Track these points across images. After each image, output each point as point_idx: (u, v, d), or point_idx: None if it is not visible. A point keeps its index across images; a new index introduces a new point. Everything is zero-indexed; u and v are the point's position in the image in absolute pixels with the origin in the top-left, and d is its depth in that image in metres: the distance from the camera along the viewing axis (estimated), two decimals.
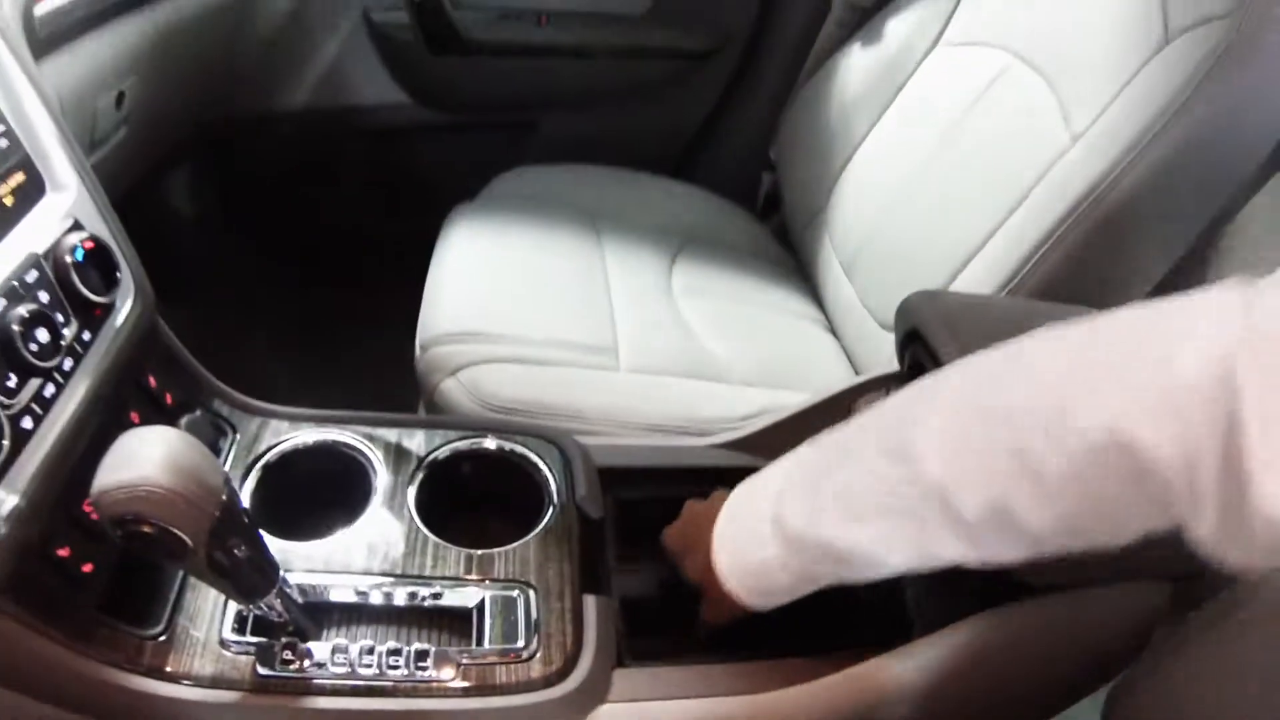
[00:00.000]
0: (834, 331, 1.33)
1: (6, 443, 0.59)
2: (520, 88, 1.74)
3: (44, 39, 0.91)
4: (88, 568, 0.66)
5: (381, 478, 0.83)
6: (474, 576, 0.75)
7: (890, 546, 0.60)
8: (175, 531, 0.52)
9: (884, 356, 1.09)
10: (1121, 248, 0.96)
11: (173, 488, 0.50)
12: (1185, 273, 1.07)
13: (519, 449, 0.88)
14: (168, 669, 0.66)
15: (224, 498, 0.55)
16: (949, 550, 0.57)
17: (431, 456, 0.85)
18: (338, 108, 1.71)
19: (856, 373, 1.23)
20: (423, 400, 1.13)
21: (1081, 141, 0.97)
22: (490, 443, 0.88)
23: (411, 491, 0.82)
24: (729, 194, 1.67)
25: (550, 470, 0.86)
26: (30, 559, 0.61)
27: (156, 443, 0.52)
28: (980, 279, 1.02)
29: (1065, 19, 1.08)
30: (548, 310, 1.18)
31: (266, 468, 0.83)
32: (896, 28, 1.38)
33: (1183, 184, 0.93)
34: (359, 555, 0.76)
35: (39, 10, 0.89)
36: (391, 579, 0.74)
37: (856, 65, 1.44)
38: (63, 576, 0.64)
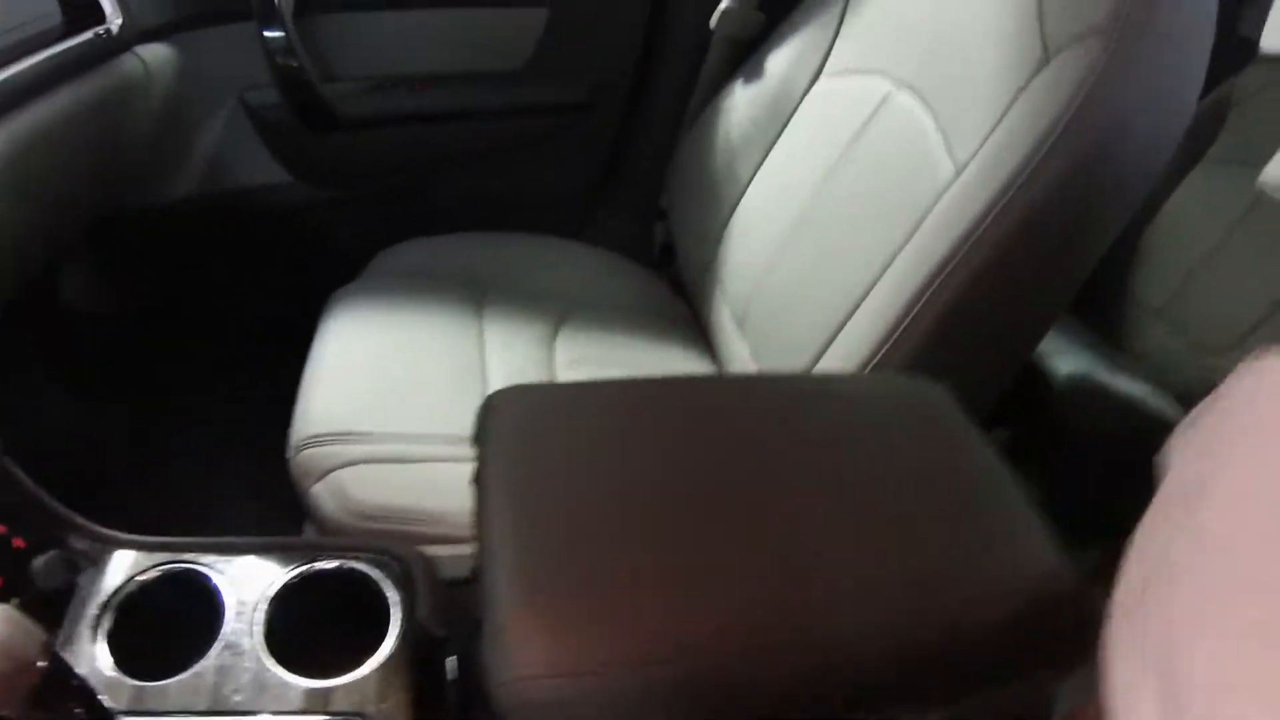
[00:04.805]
0: None
1: None
2: (402, 157, 1.72)
3: None
4: None
5: (230, 607, 0.82)
6: (315, 712, 0.74)
7: None
8: None
9: None
10: (1029, 264, 0.90)
11: None
12: (1111, 271, 1.05)
13: (360, 568, 0.84)
14: None
15: (41, 664, 0.55)
16: None
17: (277, 584, 0.83)
18: (223, 192, 1.69)
19: None
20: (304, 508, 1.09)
21: (967, 170, 0.91)
22: (328, 564, 0.85)
23: (259, 621, 0.80)
24: (624, 248, 1.64)
25: (394, 588, 0.83)
26: None
27: None
28: (865, 331, 0.95)
29: (943, 43, 1.03)
30: (421, 400, 1.13)
31: (119, 607, 0.82)
32: (777, 62, 1.33)
33: (1086, 197, 0.88)
34: (205, 693, 0.75)
35: None
36: (239, 717, 0.73)
37: (740, 104, 1.39)
38: None
